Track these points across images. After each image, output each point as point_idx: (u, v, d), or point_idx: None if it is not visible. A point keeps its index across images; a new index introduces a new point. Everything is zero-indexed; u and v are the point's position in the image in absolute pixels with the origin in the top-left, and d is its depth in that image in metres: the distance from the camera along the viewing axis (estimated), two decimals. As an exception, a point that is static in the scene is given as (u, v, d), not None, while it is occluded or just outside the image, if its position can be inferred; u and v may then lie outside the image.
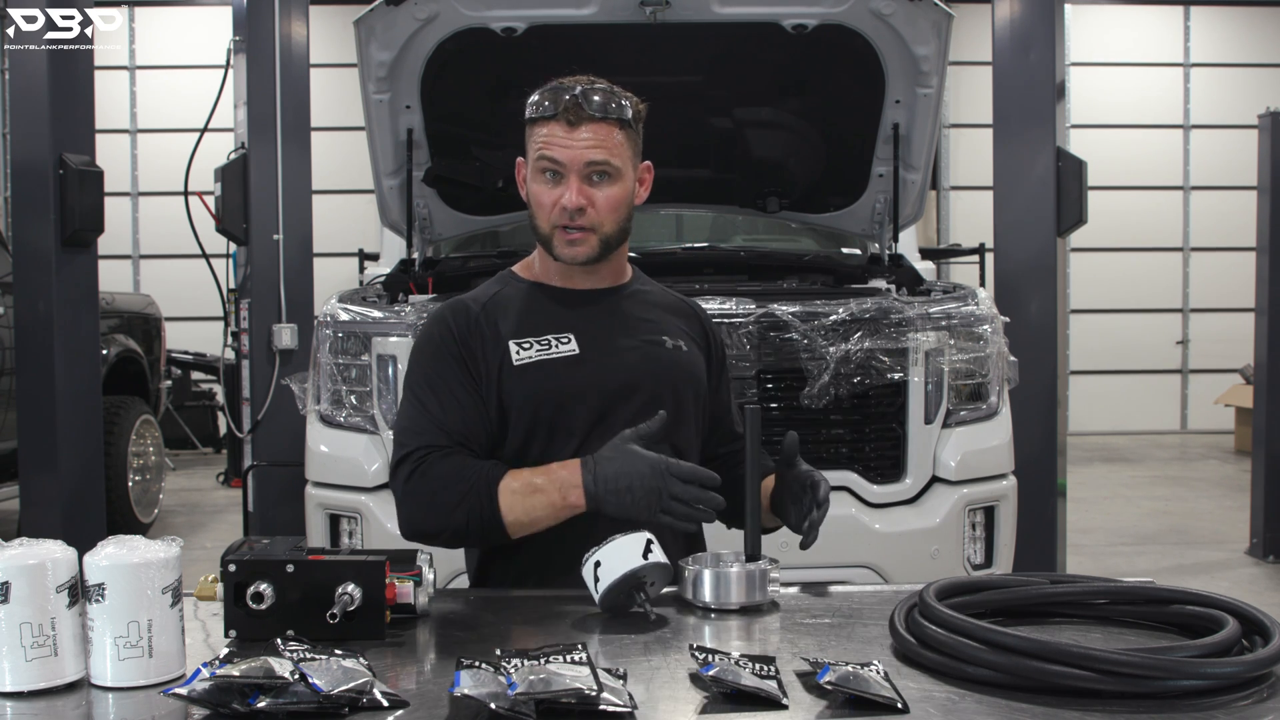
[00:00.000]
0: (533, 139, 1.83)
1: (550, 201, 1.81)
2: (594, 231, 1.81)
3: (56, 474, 3.99)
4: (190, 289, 7.69)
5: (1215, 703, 1.16)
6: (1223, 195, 10.59)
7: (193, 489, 7.94)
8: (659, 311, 1.96)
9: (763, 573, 1.56)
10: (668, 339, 1.91)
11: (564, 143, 1.78)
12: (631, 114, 1.82)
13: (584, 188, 1.79)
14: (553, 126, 1.79)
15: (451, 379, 1.82)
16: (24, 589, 1.22)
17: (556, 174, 1.80)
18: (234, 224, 4.74)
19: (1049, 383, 4.41)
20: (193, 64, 9.97)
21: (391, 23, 3.35)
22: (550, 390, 1.81)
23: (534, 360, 1.82)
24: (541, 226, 1.84)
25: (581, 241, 1.81)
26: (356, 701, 1.15)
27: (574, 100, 1.77)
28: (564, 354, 1.83)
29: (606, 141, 1.79)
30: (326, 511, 3.18)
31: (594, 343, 1.85)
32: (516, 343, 1.83)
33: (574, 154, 1.78)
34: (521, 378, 1.81)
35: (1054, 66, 4.45)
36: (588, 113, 1.77)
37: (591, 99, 1.78)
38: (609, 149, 1.79)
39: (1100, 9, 10.85)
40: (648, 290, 2.00)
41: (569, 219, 1.79)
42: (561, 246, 1.82)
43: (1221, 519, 6.69)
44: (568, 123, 1.77)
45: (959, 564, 3.14)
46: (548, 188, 1.81)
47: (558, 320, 1.86)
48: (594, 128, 1.78)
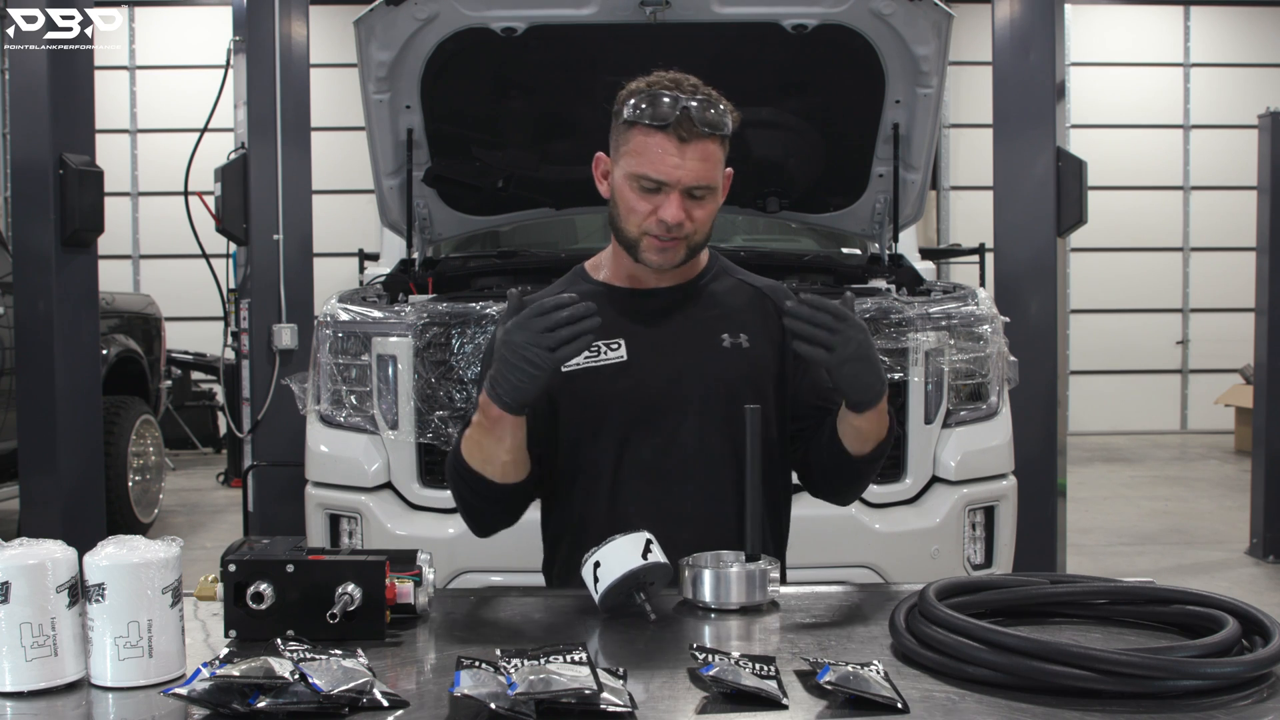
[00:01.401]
0: (633, 146, 1.76)
1: (644, 211, 1.77)
2: (685, 241, 1.80)
3: (56, 474, 3.99)
4: (190, 289, 7.70)
5: (1215, 703, 1.16)
6: (1223, 195, 10.60)
7: (193, 489, 7.94)
8: (725, 306, 1.91)
9: (763, 573, 1.56)
10: (726, 337, 1.87)
11: (672, 162, 1.73)
12: (732, 128, 1.79)
13: (684, 204, 1.75)
14: (661, 140, 1.73)
15: None
16: (24, 589, 1.22)
17: (657, 189, 1.76)
18: (234, 224, 4.74)
19: (1049, 383, 4.41)
20: (193, 64, 9.98)
21: (391, 23, 3.35)
22: (594, 398, 1.83)
23: (581, 368, 1.83)
24: (629, 231, 1.80)
25: (671, 249, 1.80)
26: (356, 701, 1.15)
27: (686, 114, 1.72)
28: (611, 361, 1.84)
29: (710, 160, 1.75)
30: (326, 511, 3.18)
31: (643, 348, 1.85)
32: None
33: (682, 175, 1.74)
34: (573, 384, 1.83)
35: (1054, 66, 4.45)
36: (699, 129, 1.73)
37: (706, 115, 1.73)
38: (712, 168, 1.76)
39: (1100, 9, 10.85)
40: (718, 283, 1.94)
41: (665, 231, 1.77)
42: (650, 253, 1.80)
43: (1221, 519, 6.69)
44: (679, 139, 1.73)
45: (959, 564, 3.14)
46: (643, 197, 1.77)
47: (612, 326, 1.84)
48: (702, 146, 1.74)
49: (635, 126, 1.75)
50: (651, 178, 1.74)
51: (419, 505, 3.11)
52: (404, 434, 3.09)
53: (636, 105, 1.75)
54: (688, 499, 1.82)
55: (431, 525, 3.06)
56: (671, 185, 1.74)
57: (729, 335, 1.87)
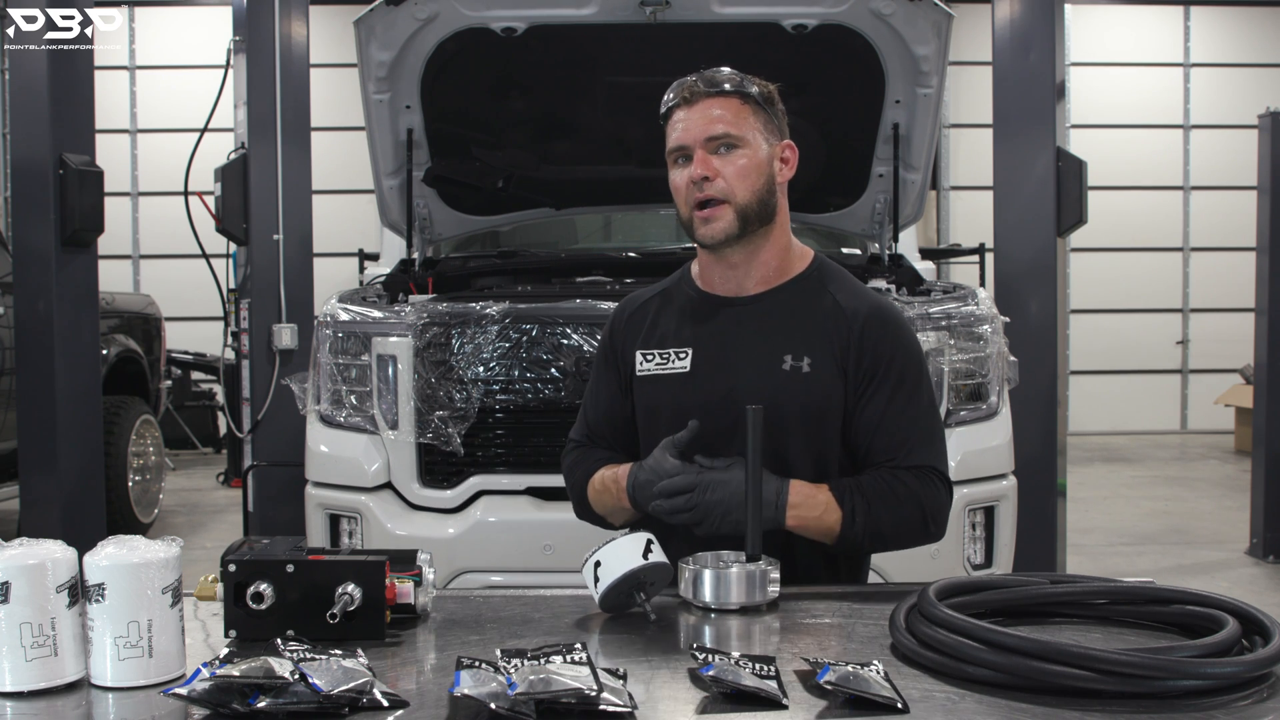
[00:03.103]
0: (667, 135, 1.83)
1: (683, 186, 1.79)
2: (728, 203, 1.77)
3: (56, 474, 3.99)
4: (190, 289, 7.70)
5: (1215, 703, 1.16)
6: (1223, 195, 10.59)
7: (193, 489, 7.94)
8: (798, 323, 1.82)
9: (763, 573, 1.56)
10: (789, 359, 1.79)
11: (684, 124, 1.78)
12: (758, 91, 1.81)
13: (707, 158, 1.77)
14: (675, 115, 1.80)
15: (599, 376, 1.98)
16: (24, 589, 1.22)
17: (685, 157, 1.79)
18: (234, 224, 4.74)
19: (1049, 383, 4.41)
20: (193, 64, 9.98)
21: (391, 23, 3.35)
22: (659, 405, 1.86)
23: (651, 374, 1.88)
24: (683, 213, 1.82)
25: (717, 217, 1.77)
26: (356, 701, 1.15)
27: (693, 84, 1.79)
28: (676, 370, 1.85)
29: (726, 113, 1.77)
30: (326, 511, 3.18)
31: (709, 359, 1.84)
32: (642, 353, 1.90)
33: (694, 131, 1.77)
34: (641, 389, 1.90)
35: (1054, 66, 4.45)
36: (703, 90, 1.78)
37: (707, 77, 1.79)
38: (728, 120, 1.77)
39: (1100, 9, 10.85)
40: (805, 292, 1.85)
41: (699, 191, 1.77)
42: (700, 227, 1.80)
43: (1221, 519, 6.69)
44: (685, 103, 1.79)
45: (959, 564, 3.14)
46: (679, 171, 1.80)
47: (684, 332, 1.87)
48: (711, 102, 1.77)
49: (666, 120, 1.83)
50: (674, 146, 1.80)
51: (419, 505, 3.11)
52: (404, 434, 3.09)
53: (664, 102, 1.83)
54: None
55: (431, 525, 3.06)
56: (689, 146, 1.78)
57: (791, 357, 1.79)
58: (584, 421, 1.98)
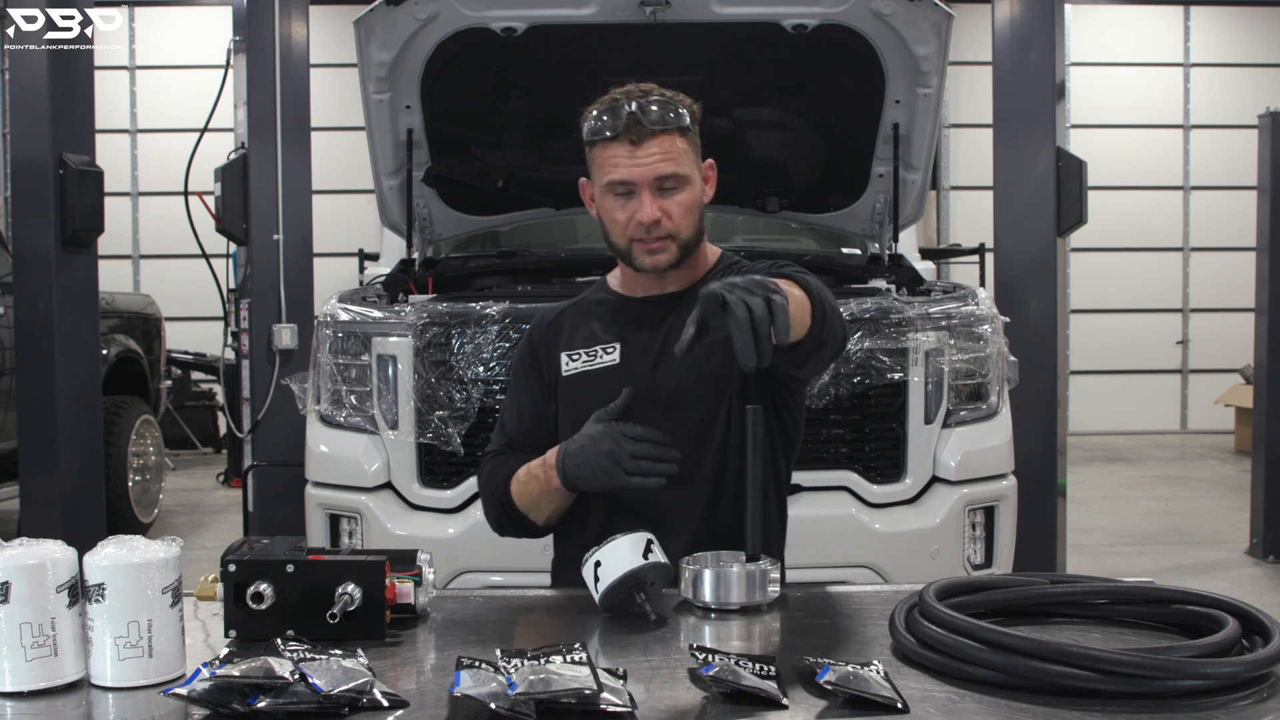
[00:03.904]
0: (597, 161, 1.84)
1: (624, 218, 1.82)
2: (673, 239, 1.83)
3: (56, 474, 3.99)
4: (190, 289, 7.69)
5: (1215, 703, 1.16)
6: (1223, 195, 10.59)
7: (193, 489, 7.94)
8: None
9: (763, 573, 1.56)
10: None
11: (630, 163, 1.79)
12: (689, 119, 1.83)
13: (656, 200, 1.80)
14: (615, 148, 1.79)
15: (520, 387, 2.00)
16: (24, 589, 1.22)
17: (629, 193, 1.81)
18: (234, 224, 4.74)
19: (1049, 383, 4.41)
20: (193, 64, 9.97)
21: (391, 23, 3.35)
22: (587, 399, 1.86)
23: (578, 372, 1.91)
24: (618, 243, 1.86)
25: (662, 250, 1.83)
26: (356, 701, 1.15)
27: (633, 118, 1.78)
28: (605, 364, 1.89)
29: (671, 152, 1.80)
30: (326, 511, 3.18)
31: (637, 350, 1.89)
32: (567, 354, 1.93)
33: (641, 172, 1.79)
34: (568, 388, 1.91)
35: (1054, 66, 4.45)
36: (648, 128, 1.78)
37: (649, 112, 1.78)
38: (675, 159, 1.80)
39: (1100, 9, 10.85)
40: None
41: (646, 232, 1.81)
42: (643, 257, 1.84)
43: (1221, 519, 6.69)
44: (630, 142, 1.78)
45: (959, 564, 3.14)
46: (620, 205, 1.82)
47: (610, 329, 1.92)
48: (657, 141, 1.79)
49: (596, 144, 1.82)
50: (618, 181, 1.80)
51: (419, 505, 3.11)
52: (404, 434, 3.09)
53: (591, 125, 1.82)
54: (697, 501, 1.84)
55: (431, 525, 3.06)
56: (638, 184, 1.79)
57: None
58: (501, 435, 1.99)
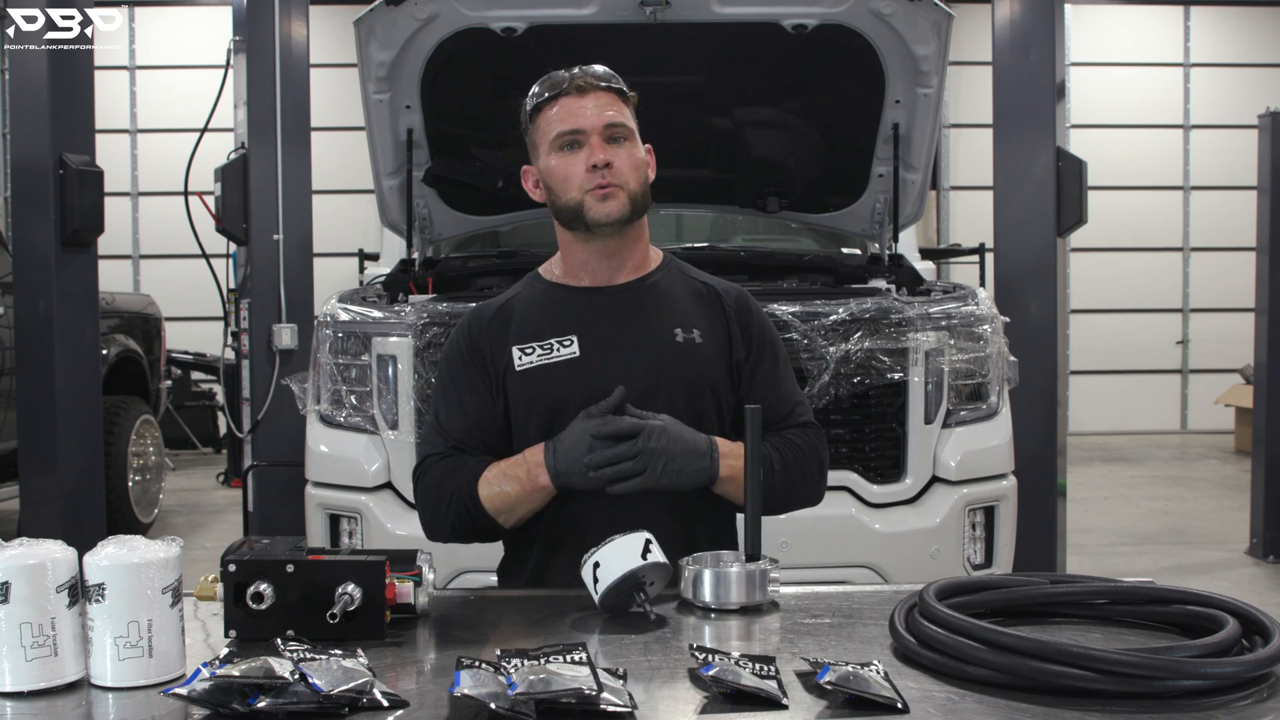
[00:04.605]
0: (542, 124, 1.85)
1: (576, 171, 1.81)
2: (622, 188, 1.82)
3: (56, 474, 3.99)
4: (190, 289, 7.69)
5: (1215, 703, 1.16)
6: (1223, 195, 10.59)
7: (193, 489, 7.94)
8: (677, 303, 1.91)
9: (763, 573, 1.56)
10: (680, 332, 1.87)
11: (578, 110, 1.81)
12: (628, 96, 1.87)
13: (605, 146, 1.81)
14: (563, 102, 1.82)
15: (462, 387, 1.89)
16: (24, 589, 1.22)
17: (575, 143, 1.82)
18: (234, 224, 4.74)
19: (1049, 383, 4.41)
20: (193, 64, 9.97)
21: (391, 23, 3.35)
22: (548, 393, 1.83)
23: (534, 365, 1.84)
24: (571, 196, 1.83)
25: (613, 196, 1.81)
26: (356, 701, 1.15)
27: (575, 77, 1.83)
28: (564, 357, 1.84)
29: (615, 106, 1.83)
30: (326, 511, 3.18)
31: (597, 343, 1.85)
32: (520, 348, 1.86)
33: (591, 118, 1.81)
34: (523, 382, 1.85)
35: (1054, 66, 4.45)
36: (593, 82, 1.83)
37: (593, 70, 1.84)
38: (618, 112, 1.83)
39: (1100, 9, 10.85)
40: (670, 280, 1.94)
41: (600, 177, 1.80)
42: (595, 205, 1.81)
43: (1221, 519, 6.69)
44: (578, 91, 1.82)
45: (959, 564, 3.14)
46: (569, 158, 1.83)
47: (564, 322, 1.87)
48: (602, 95, 1.83)
49: (540, 111, 1.85)
50: (567, 130, 1.81)
51: (419, 505, 3.11)
52: (404, 434, 3.09)
53: (533, 96, 1.87)
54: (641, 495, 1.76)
55: (431, 525, 3.05)
56: (586, 130, 1.81)
57: (682, 330, 1.87)
58: (442, 437, 1.87)
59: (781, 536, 2.90)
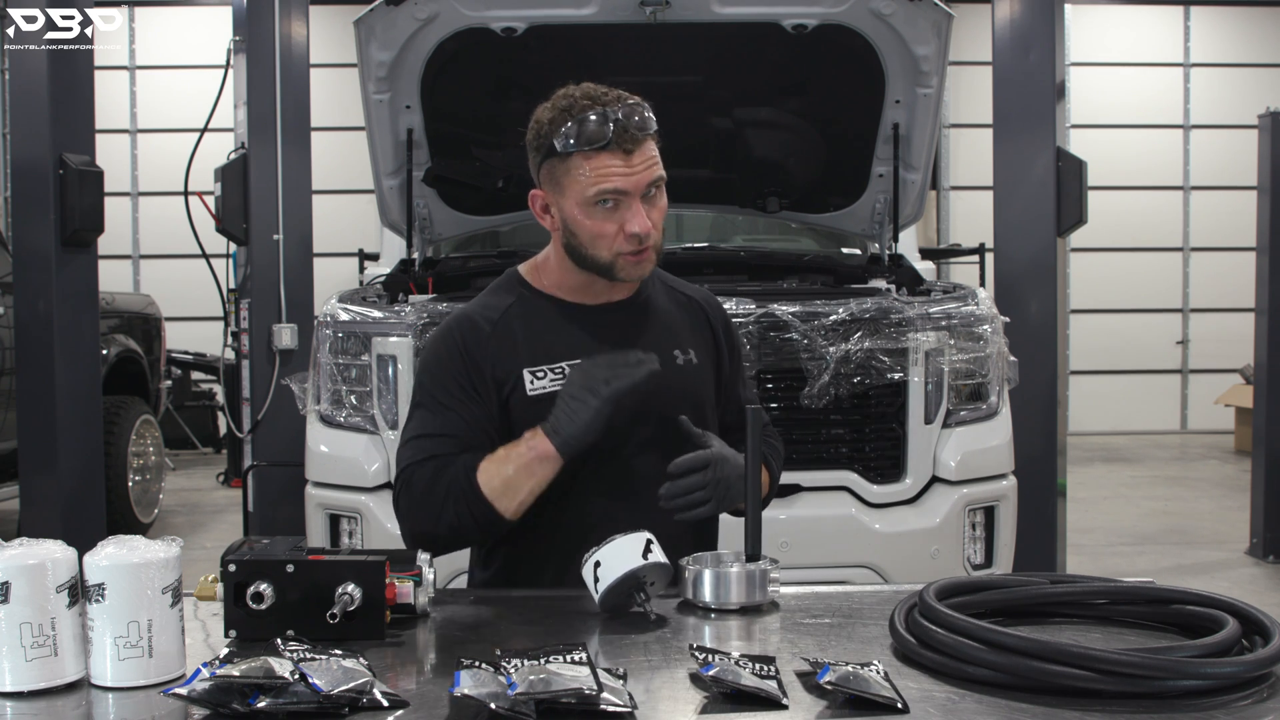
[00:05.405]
0: (576, 170, 1.73)
1: (612, 231, 1.74)
2: (654, 248, 1.78)
3: (56, 474, 3.99)
4: (190, 289, 7.69)
5: (1215, 703, 1.16)
6: (1223, 195, 10.59)
7: (193, 489, 7.94)
8: (670, 319, 1.90)
9: (763, 573, 1.56)
10: (679, 353, 1.87)
11: (626, 171, 1.71)
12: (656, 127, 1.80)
13: (645, 209, 1.74)
14: (607, 158, 1.71)
15: (454, 400, 1.79)
16: (24, 589, 1.22)
17: (617, 203, 1.73)
18: (234, 224, 4.74)
19: (1049, 383, 4.41)
20: (193, 64, 9.96)
21: (391, 23, 3.35)
22: None
23: (549, 392, 1.77)
24: (601, 255, 1.76)
25: (647, 260, 1.78)
26: (356, 701, 1.15)
27: (621, 125, 1.71)
28: None
29: (655, 157, 1.76)
30: (326, 511, 3.18)
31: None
32: (531, 371, 1.79)
33: (636, 180, 1.72)
34: (536, 409, 1.76)
35: (1054, 66, 4.45)
36: (639, 135, 1.72)
37: (634, 119, 1.72)
38: (657, 161, 1.76)
39: (1100, 9, 10.84)
40: (657, 293, 1.92)
41: (639, 244, 1.74)
42: (628, 269, 1.77)
43: (1221, 519, 6.69)
44: (625, 152, 1.71)
45: (959, 564, 3.14)
46: (608, 216, 1.73)
47: (572, 344, 1.81)
48: (644, 148, 1.74)
49: (574, 155, 1.73)
50: (615, 190, 1.72)
51: (419, 505, 3.10)
52: (404, 434, 3.09)
53: (566, 135, 1.73)
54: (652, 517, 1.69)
55: (431, 525, 3.05)
56: (630, 193, 1.72)
57: (680, 352, 1.87)
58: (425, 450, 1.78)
59: (781, 536, 2.90)
